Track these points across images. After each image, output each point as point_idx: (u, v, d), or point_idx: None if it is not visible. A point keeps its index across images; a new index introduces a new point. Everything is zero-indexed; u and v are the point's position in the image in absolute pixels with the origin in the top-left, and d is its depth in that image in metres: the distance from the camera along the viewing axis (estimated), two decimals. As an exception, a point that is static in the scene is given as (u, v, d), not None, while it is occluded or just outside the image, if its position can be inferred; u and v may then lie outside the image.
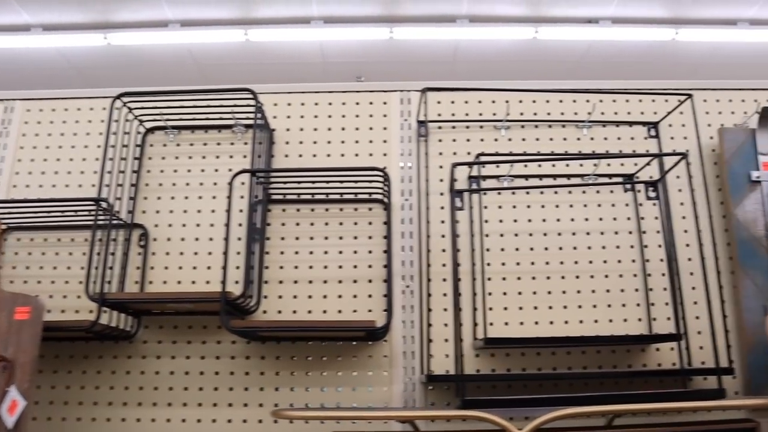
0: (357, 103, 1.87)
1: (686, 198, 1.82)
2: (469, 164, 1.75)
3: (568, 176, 1.81)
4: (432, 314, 1.70)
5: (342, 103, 1.87)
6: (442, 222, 1.78)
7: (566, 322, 1.71)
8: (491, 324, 1.70)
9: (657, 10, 4.58)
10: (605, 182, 1.78)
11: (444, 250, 1.76)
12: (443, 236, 1.77)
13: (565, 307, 1.72)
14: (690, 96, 1.71)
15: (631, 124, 1.88)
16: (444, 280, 1.74)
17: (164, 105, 1.73)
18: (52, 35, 4.67)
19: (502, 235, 1.77)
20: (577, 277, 1.74)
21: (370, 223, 1.78)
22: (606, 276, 1.75)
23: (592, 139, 1.86)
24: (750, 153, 1.81)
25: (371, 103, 1.86)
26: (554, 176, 1.82)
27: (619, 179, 1.80)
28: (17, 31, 4.58)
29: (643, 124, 1.88)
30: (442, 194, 1.80)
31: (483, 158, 1.79)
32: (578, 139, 1.86)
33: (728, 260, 1.77)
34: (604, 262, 1.76)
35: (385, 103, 1.85)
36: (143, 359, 1.67)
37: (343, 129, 1.85)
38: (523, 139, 1.85)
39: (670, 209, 1.80)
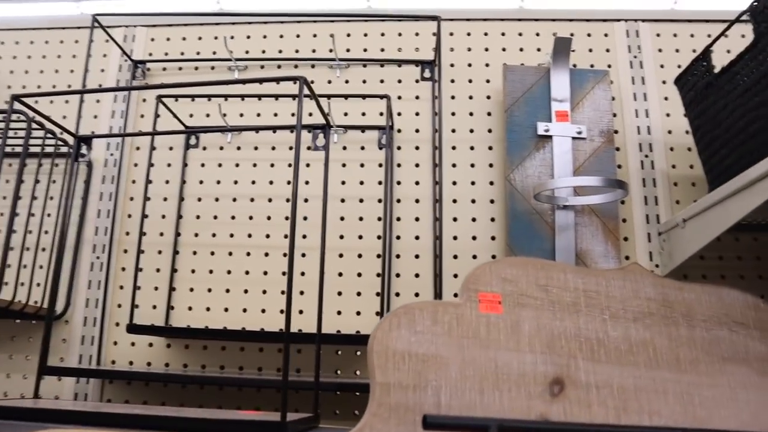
0: (76, 41, 1.56)
1: (461, 158, 1.41)
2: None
3: (311, 128, 1.44)
4: (129, 293, 1.40)
5: (60, 42, 1.57)
6: (167, 182, 1.46)
7: (263, 311, 1.36)
8: (189, 309, 1.37)
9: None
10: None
11: (164, 216, 1.44)
12: (165, 199, 1.45)
13: (282, 292, 1.37)
14: (436, 19, 1.29)
15: (399, 63, 1.47)
16: (160, 252, 1.42)
17: None
18: (25, 4, 4.59)
19: (217, 200, 1.43)
20: (303, 255, 1.38)
21: (85, 181, 1.48)
22: (341, 255, 1.37)
23: (346, 82, 1.48)
24: (543, 99, 1.38)
25: (92, 41, 1.55)
26: (292, 128, 1.45)
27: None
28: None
29: (417, 63, 1.47)
30: (155, 149, 1.47)
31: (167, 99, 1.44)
32: (329, 82, 1.48)
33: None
34: (341, 237, 1.38)
35: (107, 41, 1.54)
36: None
37: (56, 72, 1.55)
38: (261, 83, 1.49)
39: (442, 172, 1.40)
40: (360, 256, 1.37)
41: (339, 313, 1.35)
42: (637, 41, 1.46)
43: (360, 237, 1.38)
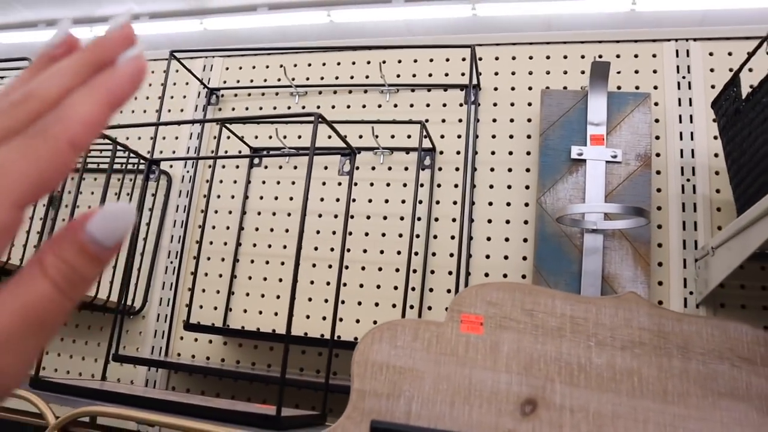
0: (164, 72, 1.78)
1: (498, 179, 1.46)
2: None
3: (359, 150, 1.55)
4: (197, 295, 1.59)
5: (150, 72, 1.80)
6: (233, 197, 1.64)
7: (307, 317, 1.48)
8: (245, 311, 1.53)
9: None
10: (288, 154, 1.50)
11: (228, 228, 1.62)
12: (230, 212, 1.63)
13: (326, 300, 1.49)
14: (471, 47, 1.35)
15: (445, 87, 1.54)
16: (223, 259, 1.60)
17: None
18: (157, 22, 5.13)
19: (274, 214, 1.58)
20: (347, 267, 1.49)
21: (165, 195, 1.70)
22: (380, 269, 1.47)
23: (395, 106, 1.57)
24: (579, 123, 1.39)
25: (177, 71, 1.77)
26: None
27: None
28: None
29: (461, 87, 1.53)
30: (224, 167, 1.65)
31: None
32: (379, 106, 1.58)
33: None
34: (381, 252, 1.48)
35: (184, 68, 1.75)
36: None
37: (147, 98, 1.78)
38: (318, 107, 1.62)
39: (479, 193, 1.46)
40: (397, 270, 1.46)
41: (375, 322, 1.44)
42: (686, 61, 1.43)
43: (398, 252, 1.47)
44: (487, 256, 1.42)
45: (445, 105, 1.54)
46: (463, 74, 1.55)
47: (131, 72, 0.25)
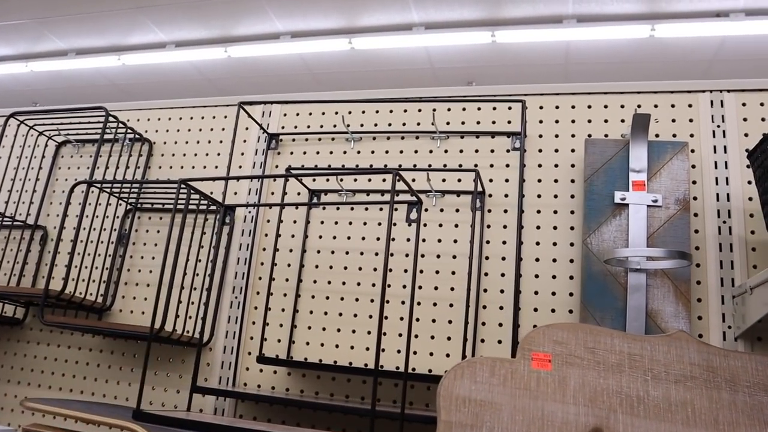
0: (225, 117, 1.91)
1: (545, 221, 1.57)
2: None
3: (408, 204, 1.67)
4: (256, 328, 1.70)
5: (212, 117, 1.93)
6: (293, 236, 1.76)
7: (367, 349, 1.58)
8: (307, 344, 1.64)
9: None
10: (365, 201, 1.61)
11: (290, 265, 1.74)
12: (291, 250, 1.74)
13: (384, 334, 1.60)
14: (522, 102, 1.47)
15: (493, 135, 1.66)
16: (285, 295, 1.72)
17: (59, 122, 1.96)
18: (182, 51, 5.30)
19: (332, 252, 1.70)
20: (403, 302, 1.60)
21: (228, 234, 1.82)
22: (434, 304, 1.58)
23: (446, 151, 1.69)
24: (621, 170, 1.50)
25: (226, 117, 1.89)
26: (399, 192, 1.69)
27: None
28: (154, 49, 5.31)
29: (508, 134, 1.65)
30: (284, 207, 1.77)
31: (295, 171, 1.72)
32: (431, 152, 1.70)
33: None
34: (435, 288, 1.59)
35: (249, 116, 1.87)
36: (28, 344, 1.90)
37: (209, 142, 1.91)
38: (372, 152, 1.74)
39: (527, 233, 1.57)
40: (451, 305, 1.57)
41: (431, 354, 1.55)
42: (721, 111, 1.54)
43: (452, 289, 1.58)
44: (536, 293, 1.53)
45: (492, 151, 1.65)
46: (509, 122, 1.66)
47: None
